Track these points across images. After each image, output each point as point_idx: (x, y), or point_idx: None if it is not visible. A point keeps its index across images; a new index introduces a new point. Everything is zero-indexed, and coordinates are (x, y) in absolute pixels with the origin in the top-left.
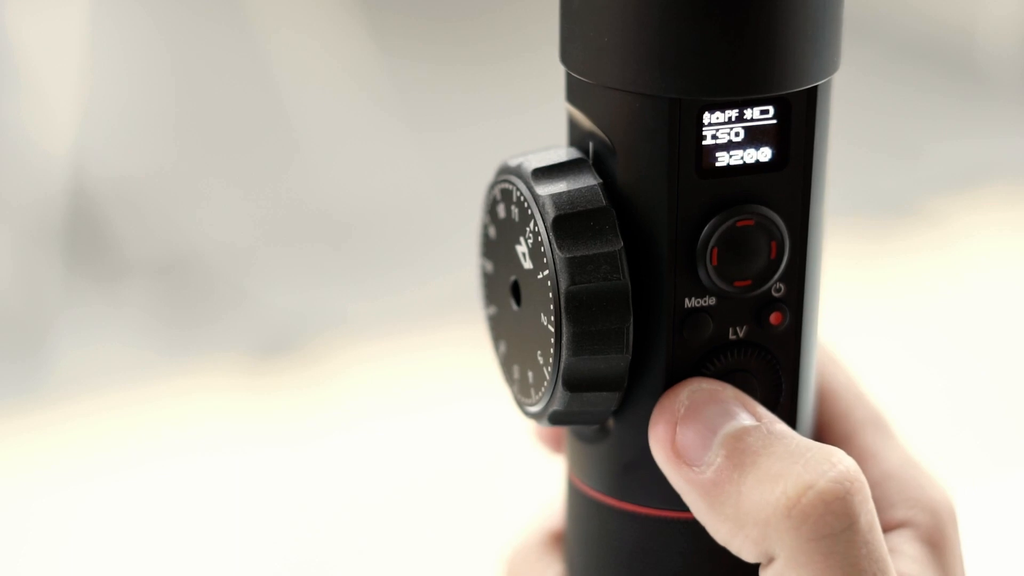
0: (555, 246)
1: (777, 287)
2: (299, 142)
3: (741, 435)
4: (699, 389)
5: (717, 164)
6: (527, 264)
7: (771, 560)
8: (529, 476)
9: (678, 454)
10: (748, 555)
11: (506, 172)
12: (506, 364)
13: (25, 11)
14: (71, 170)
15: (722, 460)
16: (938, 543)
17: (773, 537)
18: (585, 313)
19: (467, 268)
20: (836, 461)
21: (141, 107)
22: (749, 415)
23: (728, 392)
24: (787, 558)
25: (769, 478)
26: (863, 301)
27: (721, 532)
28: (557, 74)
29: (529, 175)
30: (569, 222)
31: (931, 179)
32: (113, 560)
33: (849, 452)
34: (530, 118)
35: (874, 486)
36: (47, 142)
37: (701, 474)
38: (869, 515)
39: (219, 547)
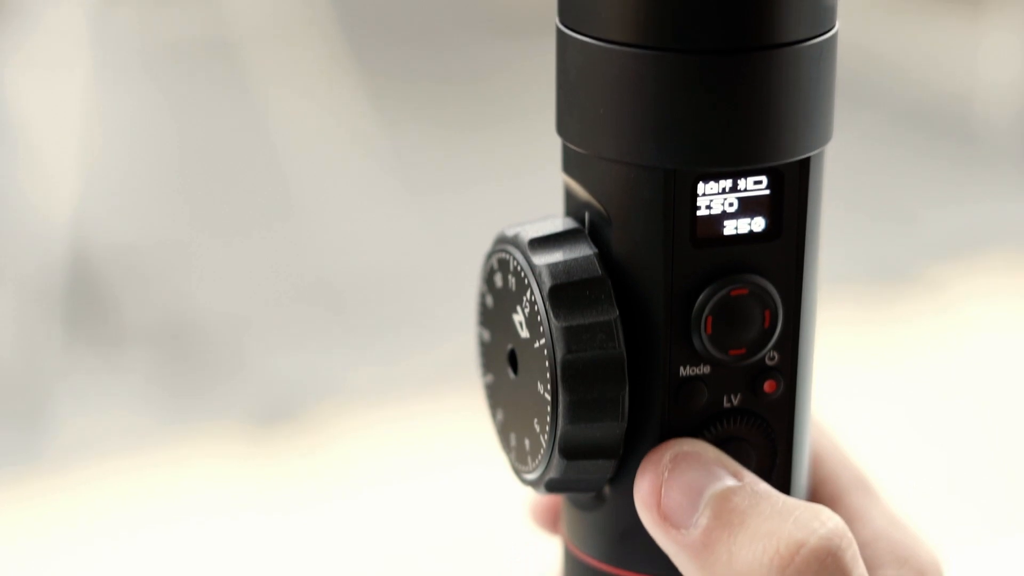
0: (551, 315)
1: (771, 355)
2: (298, 209)
3: (727, 495)
4: (681, 451)
5: (711, 234)
6: (524, 333)
7: None
8: (527, 543)
9: (665, 516)
10: None
11: (503, 242)
12: (503, 432)
13: (26, 78)
14: (72, 237)
15: (710, 520)
16: None
17: None
18: (581, 382)
19: (465, 335)
20: (825, 519)
21: (141, 175)
22: (732, 476)
23: (710, 453)
24: None
25: (760, 536)
26: (862, 368)
27: None
28: (555, 138)
29: (526, 245)
30: (565, 291)
31: (929, 245)
32: None
33: (837, 513)
34: (529, 183)
35: (863, 547)
36: (48, 209)
37: (689, 535)
38: (860, 571)
39: None
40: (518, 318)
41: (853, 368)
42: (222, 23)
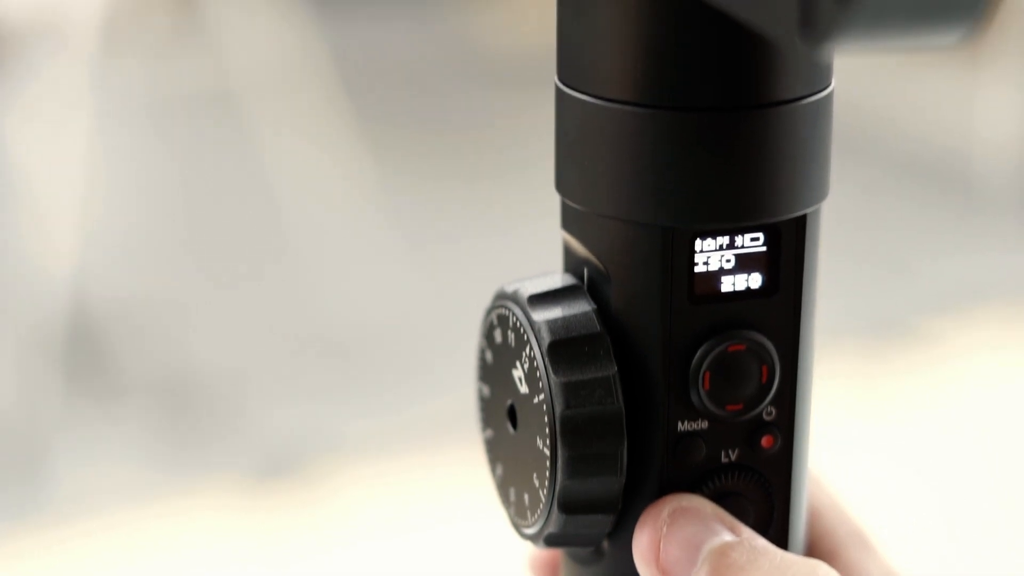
0: (550, 371)
1: (768, 411)
2: (298, 261)
3: (725, 550)
4: (680, 506)
5: (709, 290)
6: (523, 388)
7: None
8: None
9: (664, 571)
10: None
11: (503, 298)
12: (503, 486)
13: (26, 132)
14: (72, 290)
15: (708, 575)
16: None
17: None
18: (580, 437)
19: (465, 388)
20: (823, 574)
21: (142, 227)
22: (729, 531)
23: (708, 508)
24: None
25: None
26: (859, 421)
27: None
28: (555, 190)
29: (525, 301)
30: (564, 347)
31: (927, 298)
32: None
33: (834, 568)
34: (529, 234)
35: None
36: (48, 262)
37: None
38: None
39: None
40: (517, 373)
41: (850, 421)
42: (221, 75)
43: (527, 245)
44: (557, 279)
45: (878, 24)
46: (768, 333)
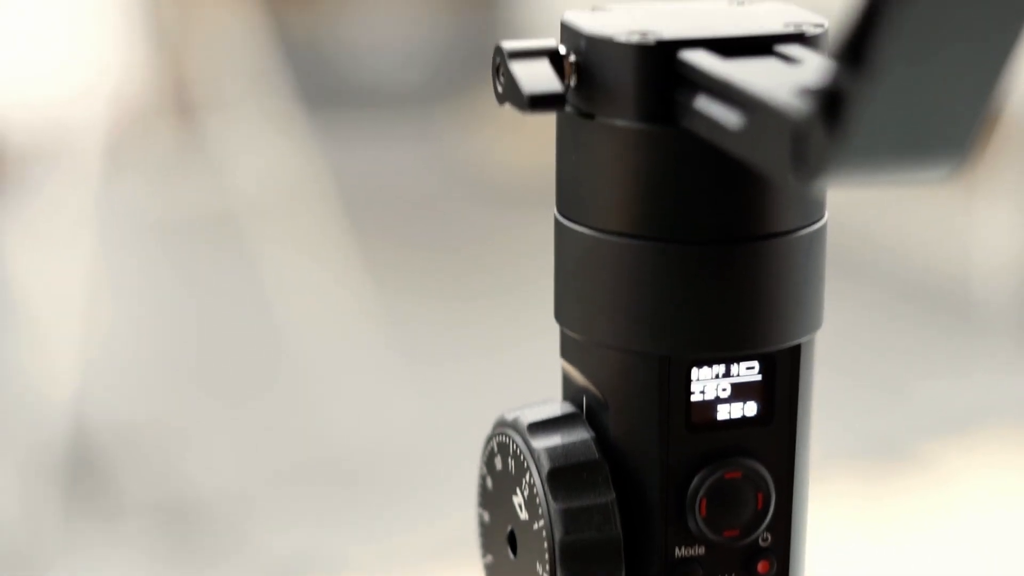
0: (550, 497)
1: (764, 536)
2: (299, 384)
3: None
4: None
5: (705, 419)
6: (523, 515)
7: None
8: None
9: None
10: None
11: (503, 426)
12: None
13: (28, 252)
14: (73, 413)
15: None
16: None
17: None
18: (579, 563)
19: (465, 512)
20: None
21: (143, 349)
22: None
23: None
24: None
25: None
26: (857, 542)
27: None
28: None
29: (525, 428)
30: (563, 474)
31: (925, 421)
32: None
33: None
34: (528, 353)
35: None
36: (49, 383)
37: None
38: None
39: None
40: (517, 500)
41: (847, 544)
42: (223, 196)
43: (527, 364)
44: (556, 407)
45: (867, 161)
46: (764, 460)
